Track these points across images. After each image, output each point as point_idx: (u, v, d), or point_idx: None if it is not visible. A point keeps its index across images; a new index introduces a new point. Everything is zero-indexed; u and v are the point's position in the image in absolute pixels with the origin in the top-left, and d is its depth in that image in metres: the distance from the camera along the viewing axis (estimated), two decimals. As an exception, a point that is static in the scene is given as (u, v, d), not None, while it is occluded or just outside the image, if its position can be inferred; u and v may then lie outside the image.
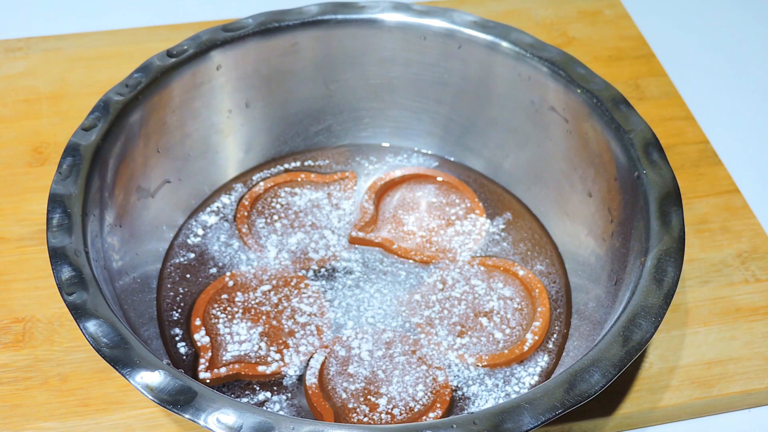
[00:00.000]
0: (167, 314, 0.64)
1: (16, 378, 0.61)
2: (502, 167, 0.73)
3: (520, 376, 0.61)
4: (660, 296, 0.53)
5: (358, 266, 0.67)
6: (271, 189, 0.72)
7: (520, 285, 0.66)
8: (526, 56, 0.67)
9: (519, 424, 0.47)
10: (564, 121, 0.66)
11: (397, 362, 0.61)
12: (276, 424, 0.46)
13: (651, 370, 0.62)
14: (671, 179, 0.59)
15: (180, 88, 0.66)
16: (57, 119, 0.78)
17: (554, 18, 0.90)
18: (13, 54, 0.84)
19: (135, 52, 0.83)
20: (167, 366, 0.49)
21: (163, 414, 0.59)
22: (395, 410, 0.59)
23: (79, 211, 0.56)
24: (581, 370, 0.49)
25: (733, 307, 0.66)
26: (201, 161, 0.71)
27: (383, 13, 0.70)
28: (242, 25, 0.68)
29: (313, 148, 0.76)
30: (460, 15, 0.69)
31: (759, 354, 0.63)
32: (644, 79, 0.84)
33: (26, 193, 0.72)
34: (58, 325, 0.64)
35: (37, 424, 0.59)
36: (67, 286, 0.52)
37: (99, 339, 0.50)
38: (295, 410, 0.59)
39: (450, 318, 0.64)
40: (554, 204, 0.69)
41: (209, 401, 0.47)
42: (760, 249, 0.70)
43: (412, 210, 0.71)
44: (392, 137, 0.76)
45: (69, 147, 0.59)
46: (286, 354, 0.61)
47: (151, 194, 0.66)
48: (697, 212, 0.72)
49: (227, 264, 0.67)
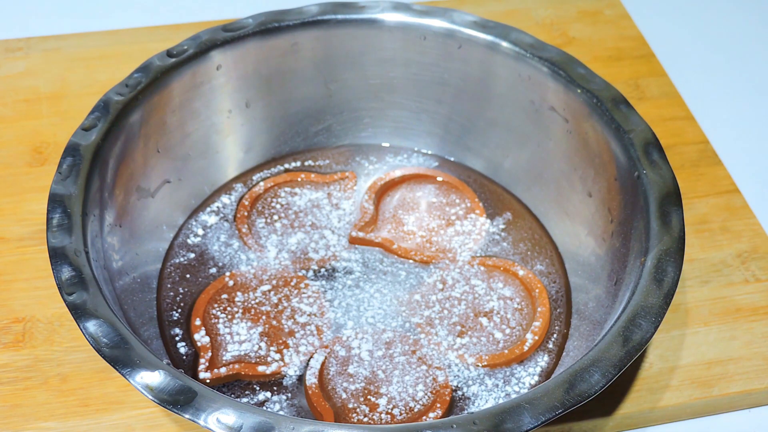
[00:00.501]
0: (167, 314, 0.64)
1: (16, 378, 0.61)
2: (502, 167, 0.73)
3: (520, 376, 0.61)
4: (660, 296, 0.53)
5: (358, 266, 0.67)
6: (271, 189, 0.72)
7: (520, 285, 0.66)
8: (526, 56, 0.67)
9: (519, 424, 0.47)
10: (564, 121, 0.66)
11: (397, 362, 0.61)
12: (276, 424, 0.46)
13: (651, 370, 0.62)
14: (671, 179, 0.59)
15: (180, 88, 0.66)
16: (57, 119, 0.78)
17: (554, 18, 0.90)
18: (13, 54, 0.84)
19: (135, 52, 0.83)
20: (167, 366, 0.49)
21: (163, 414, 0.59)
22: (395, 410, 0.59)
23: (79, 211, 0.56)
24: (581, 370, 0.49)
25: (733, 307, 0.66)
26: (201, 161, 0.71)
27: (383, 13, 0.70)
28: (242, 25, 0.68)
29: (313, 148, 0.76)
30: (460, 15, 0.69)
31: (759, 354, 0.63)
32: (644, 79, 0.84)
33: (26, 193, 0.72)
34: (58, 325, 0.64)
35: (37, 424, 0.59)
36: (67, 286, 0.52)
37: (99, 339, 0.50)
38: (295, 410, 0.59)
39: (450, 318, 0.64)
40: (554, 204, 0.69)
41: (209, 401, 0.47)
42: (760, 249, 0.70)
43: (412, 210, 0.71)
44: (392, 137, 0.76)
45: (69, 147, 0.59)
46: (286, 354, 0.61)
47: (151, 194, 0.66)
48: (697, 212, 0.72)
49: (227, 264, 0.67)
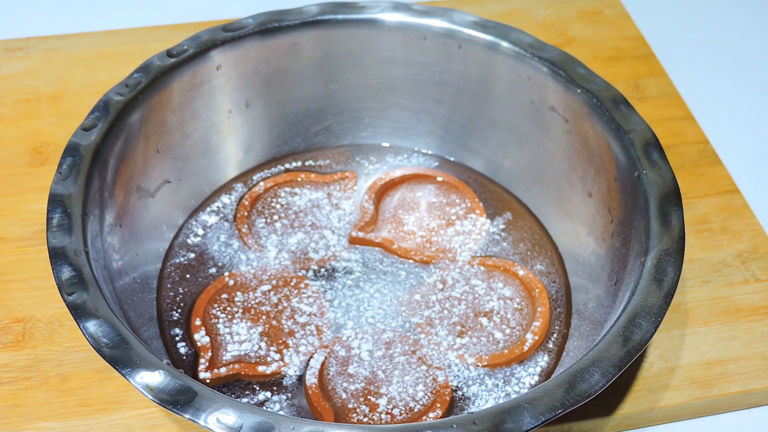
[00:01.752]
0: (167, 314, 0.64)
1: (16, 378, 0.61)
2: (502, 167, 0.73)
3: (520, 376, 0.61)
4: (660, 296, 0.53)
5: (358, 266, 0.67)
6: (271, 189, 0.72)
7: (520, 285, 0.66)
8: (526, 56, 0.67)
9: (519, 424, 0.47)
10: (564, 121, 0.66)
11: (397, 362, 0.61)
12: (276, 424, 0.46)
13: (651, 370, 0.62)
14: (671, 179, 0.59)
15: (180, 88, 0.66)
16: (57, 119, 0.78)
17: (554, 18, 0.90)
18: (13, 54, 0.84)
19: (135, 52, 0.83)
20: (167, 366, 0.49)
21: (163, 414, 0.59)
22: (395, 410, 0.59)
23: (79, 211, 0.56)
24: (581, 370, 0.49)
25: (733, 307, 0.66)
26: (201, 161, 0.71)
27: (383, 13, 0.70)
28: (242, 25, 0.68)
29: (313, 148, 0.76)
30: (460, 15, 0.69)
31: (759, 354, 0.63)
32: (644, 79, 0.84)
33: (26, 193, 0.72)
34: (58, 325, 0.64)
35: (37, 424, 0.59)
36: (67, 286, 0.52)
37: (99, 339, 0.50)
38: (295, 410, 0.59)
39: (450, 318, 0.64)
40: (554, 204, 0.69)
41: (209, 401, 0.47)
42: (760, 249, 0.70)
43: (412, 210, 0.71)
44: (392, 137, 0.76)
45: (69, 147, 0.59)
46: (286, 354, 0.61)
47: (151, 194, 0.66)
48: (697, 212, 0.72)
49: (227, 264, 0.67)
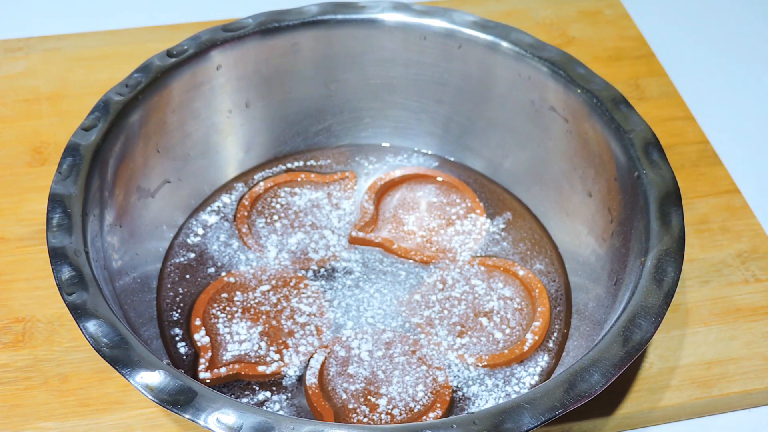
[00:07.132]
0: (167, 314, 0.64)
1: (16, 378, 0.61)
2: (502, 167, 0.73)
3: (520, 376, 0.61)
4: (660, 296, 0.53)
5: (358, 266, 0.67)
6: (271, 189, 0.72)
7: (520, 285, 0.66)
8: (526, 56, 0.67)
9: (519, 424, 0.47)
10: (564, 121, 0.66)
11: (397, 362, 0.61)
12: (276, 424, 0.46)
13: (651, 370, 0.62)
14: (671, 179, 0.59)
15: (180, 88, 0.66)
16: (57, 119, 0.78)
17: (554, 18, 0.90)
18: (13, 54, 0.84)
19: (135, 52, 0.83)
20: (167, 366, 0.49)
21: (163, 414, 0.59)
22: (395, 410, 0.59)
23: (79, 211, 0.56)
24: (581, 370, 0.49)
25: (733, 307, 0.66)
26: (201, 161, 0.71)
27: (383, 13, 0.70)
28: (242, 25, 0.68)
29: (313, 148, 0.76)
30: (460, 15, 0.69)
31: (759, 354, 0.63)
32: (644, 79, 0.84)
33: (26, 193, 0.72)
34: (58, 325, 0.64)
35: (37, 424, 0.59)
36: (67, 286, 0.52)
37: (99, 339, 0.50)
38: (295, 410, 0.59)
39: (450, 318, 0.64)
40: (554, 204, 0.69)
41: (209, 401, 0.47)
42: (760, 249, 0.70)
43: (412, 210, 0.71)
44: (392, 137, 0.76)
45: (69, 147, 0.59)
46: (286, 354, 0.61)
47: (151, 194, 0.66)
48: (697, 212, 0.72)
49: (227, 264, 0.67)
